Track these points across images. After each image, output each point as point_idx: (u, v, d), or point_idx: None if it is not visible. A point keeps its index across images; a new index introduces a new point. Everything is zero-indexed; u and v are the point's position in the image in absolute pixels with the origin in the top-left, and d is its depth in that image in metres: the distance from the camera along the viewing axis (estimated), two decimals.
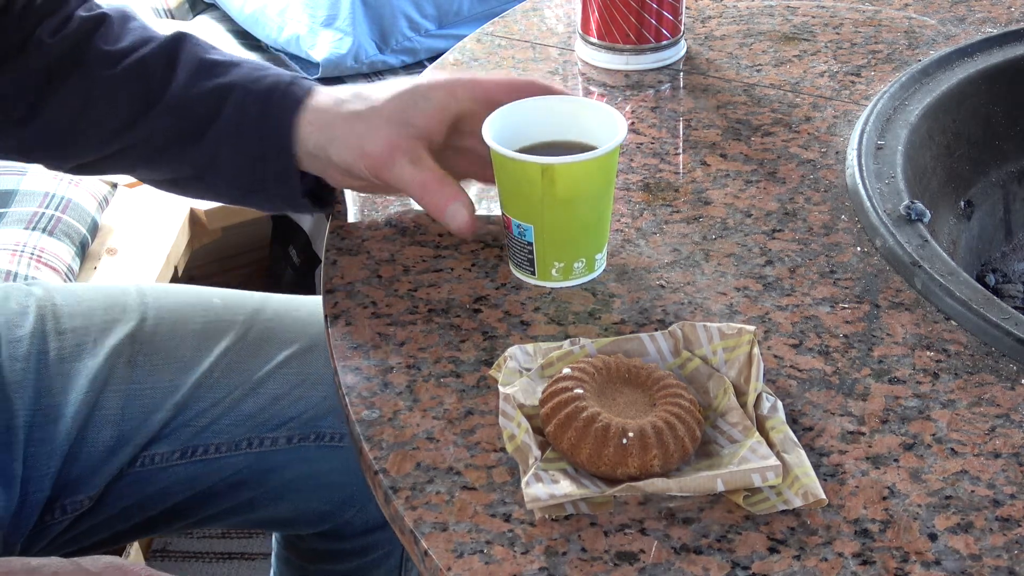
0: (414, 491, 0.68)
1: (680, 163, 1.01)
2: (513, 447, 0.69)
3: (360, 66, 1.96)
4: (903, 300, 0.82)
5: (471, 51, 1.21)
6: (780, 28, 1.22)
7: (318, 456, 1.04)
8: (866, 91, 1.09)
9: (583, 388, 0.70)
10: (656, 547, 0.64)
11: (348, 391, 0.76)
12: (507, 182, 0.83)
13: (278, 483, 1.05)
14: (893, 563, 0.63)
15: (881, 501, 0.66)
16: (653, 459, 0.67)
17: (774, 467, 0.66)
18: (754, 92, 1.10)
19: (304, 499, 1.08)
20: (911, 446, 0.70)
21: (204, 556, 1.81)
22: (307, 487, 1.07)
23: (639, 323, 0.81)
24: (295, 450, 1.04)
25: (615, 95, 1.12)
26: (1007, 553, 0.63)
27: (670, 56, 1.16)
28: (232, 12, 2.09)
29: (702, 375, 0.74)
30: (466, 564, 0.63)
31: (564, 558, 0.64)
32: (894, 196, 0.92)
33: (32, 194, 1.63)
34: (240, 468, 1.03)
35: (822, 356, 0.78)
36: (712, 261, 0.87)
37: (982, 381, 0.75)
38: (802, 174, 0.98)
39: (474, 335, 0.80)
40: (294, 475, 1.05)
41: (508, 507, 0.67)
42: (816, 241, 0.89)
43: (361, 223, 0.94)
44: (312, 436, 1.04)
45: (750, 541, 0.64)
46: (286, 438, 1.03)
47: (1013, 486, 0.67)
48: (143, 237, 1.74)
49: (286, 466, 1.04)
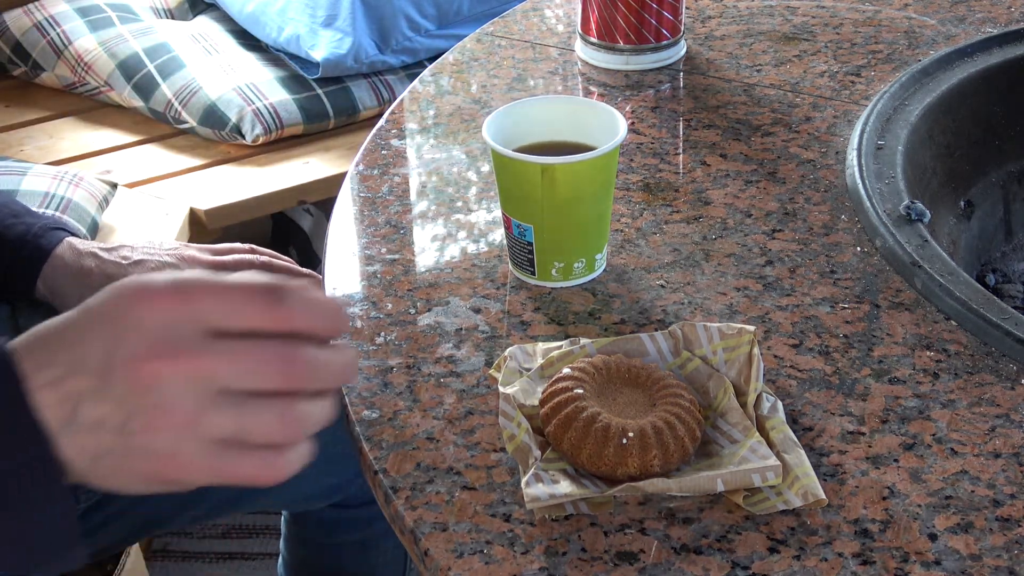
0: (414, 491, 0.68)
1: (680, 163, 1.01)
2: (513, 447, 0.69)
3: (360, 66, 1.96)
4: (903, 300, 0.82)
5: (471, 51, 1.21)
6: (780, 28, 1.22)
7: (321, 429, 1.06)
8: (866, 91, 1.09)
9: (583, 388, 0.70)
10: (656, 547, 0.64)
11: (348, 391, 0.76)
12: (507, 182, 0.83)
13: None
14: (893, 563, 0.63)
15: (881, 501, 0.66)
16: (653, 459, 0.67)
17: (774, 467, 0.66)
18: (754, 92, 1.10)
19: (311, 474, 1.09)
20: (911, 446, 0.70)
21: (204, 556, 1.81)
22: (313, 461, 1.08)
23: (639, 323, 0.81)
24: None
25: (615, 95, 1.12)
26: (1007, 553, 0.63)
27: (670, 56, 1.16)
28: (232, 12, 2.08)
29: (702, 375, 0.74)
30: (466, 564, 0.63)
31: (564, 558, 0.63)
32: (894, 196, 0.92)
33: (32, 194, 1.63)
34: None
35: (822, 356, 0.78)
36: (712, 261, 0.87)
37: (982, 381, 0.75)
38: (802, 174, 0.98)
39: (474, 335, 0.80)
40: None
41: (508, 507, 0.67)
42: (816, 241, 0.89)
43: (361, 223, 0.94)
44: None
45: (750, 541, 0.64)
46: None
47: (1013, 486, 0.67)
48: (143, 237, 1.74)
49: None
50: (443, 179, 1.00)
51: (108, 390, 0.52)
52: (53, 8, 2.08)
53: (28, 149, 1.92)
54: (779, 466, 0.66)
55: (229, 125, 1.88)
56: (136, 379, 0.52)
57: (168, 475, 0.54)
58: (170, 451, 0.52)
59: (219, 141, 1.93)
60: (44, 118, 2.01)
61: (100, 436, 0.52)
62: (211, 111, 1.89)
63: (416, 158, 1.04)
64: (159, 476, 0.54)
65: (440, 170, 1.01)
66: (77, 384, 0.52)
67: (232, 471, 0.54)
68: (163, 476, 0.54)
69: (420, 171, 1.02)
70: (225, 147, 1.92)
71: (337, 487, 1.14)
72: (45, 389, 0.52)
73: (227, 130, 1.89)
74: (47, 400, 0.52)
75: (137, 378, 0.52)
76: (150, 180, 1.86)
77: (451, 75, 1.18)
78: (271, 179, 1.86)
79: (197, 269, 0.88)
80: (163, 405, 0.52)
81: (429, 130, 1.08)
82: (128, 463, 0.53)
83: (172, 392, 0.52)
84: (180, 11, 2.20)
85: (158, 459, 0.53)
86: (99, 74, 1.99)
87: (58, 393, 0.52)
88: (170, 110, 1.93)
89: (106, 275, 0.93)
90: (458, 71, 1.18)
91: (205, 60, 1.99)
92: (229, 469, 0.53)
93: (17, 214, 0.95)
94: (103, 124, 1.99)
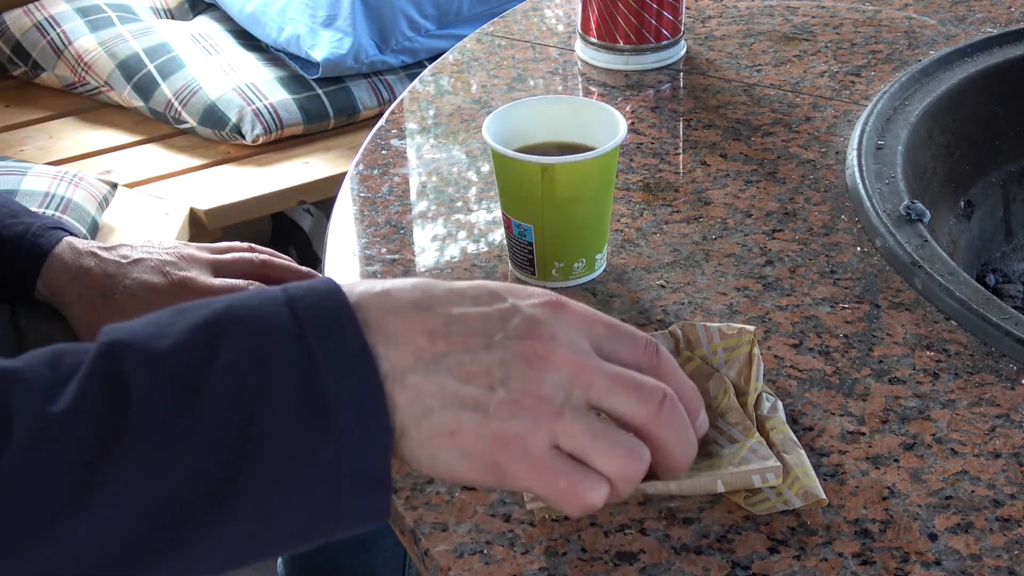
0: (414, 491, 0.68)
1: (680, 163, 1.01)
2: None
3: (360, 66, 1.96)
4: (903, 300, 0.82)
5: (471, 51, 1.21)
6: (780, 28, 1.22)
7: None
8: (866, 91, 1.09)
9: None
10: (656, 547, 0.64)
11: None
12: (507, 182, 0.83)
13: None
14: (893, 563, 0.63)
15: (881, 501, 0.66)
16: None
17: (774, 468, 0.66)
18: (754, 92, 1.10)
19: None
20: (911, 446, 0.70)
21: None
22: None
23: (639, 323, 0.81)
24: None
25: (615, 95, 1.12)
26: (1007, 553, 0.63)
27: (670, 56, 1.16)
28: (232, 12, 2.08)
29: (702, 375, 0.74)
30: (466, 564, 0.63)
31: (564, 558, 0.63)
32: (894, 196, 0.92)
33: (32, 194, 1.63)
34: None
35: (822, 356, 0.78)
36: (712, 261, 0.87)
37: (982, 381, 0.75)
38: (802, 174, 0.98)
39: None
40: None
41: (508, 507, 0.67)
42: (816, 241, 0.89)
43: (361, 223, 0.94)
44: None
45: (750, 541, 0.64)
46: None
47: (1013, 486, 0.67)
48: (143, 237, 1.74)
49: None
50: (443, 179, 1.00)
51: (488, 354, 0.53)
52: (53, 8, 2.08)
53: (28, 149, 1.93)
54: (779, 467, 0.66)
55: (229, 125, 1.89)
56: (524, 353, 0.53)
57: (501, 458, 0.53)
58: (521, 434, 0.52)
59: (219, 141, 1.93)
60: (44, 118, 2.01)
61: (465, 389, 0.52)
62: (211, 111, 1.89)
63: (416, 158, 1.04)
64: (491, 455, 0.53)
65: (440, 170, 1.01)
66: (456, 337, 0.53)
67: (564, 481, 0.53)
68: (495, 457, 0.53)
69: (420, 171, 1.02)
70: (225, 147, 1.93)
71: None
72: (418, 331, 0.52)
73: (227, 130, 1.89)
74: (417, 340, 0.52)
75: (526, 353, 0.53)
76: (150, 180, 1.86)
77: (451, 75, 1.18)
78: (271, 179, 1.86)
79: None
80: (537, 388, 0.52)
81: (429, 130, 1.08)
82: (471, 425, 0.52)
83: (552, 380, 0.53)
84: (180, 11, 2.20)
85: (501, 435, 0.52)
86: (99, 74, 1.99)
87: (431, 337, 0.52)
88: (170, 110, 1.93)
89: (106, 274, 0.93)
90: (458, 71, 1.18)
91: (205, 60, 1.99)
92: (563, 479, 0.53)
93: (16, 214, 0.95)
94: (103, 124, 2.00)
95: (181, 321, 0.51)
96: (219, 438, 0.49)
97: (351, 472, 0.51)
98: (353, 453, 0.50)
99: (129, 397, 0.48)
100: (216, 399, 0.49)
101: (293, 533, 0.51)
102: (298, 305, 0.52)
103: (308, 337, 0.51)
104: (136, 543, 0.48)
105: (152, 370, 0.49)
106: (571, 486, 0.53)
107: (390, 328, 0.52)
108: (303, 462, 0.50)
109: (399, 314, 0.53)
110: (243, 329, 0.51)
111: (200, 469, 0.49)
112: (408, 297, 0.53)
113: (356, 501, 0.51)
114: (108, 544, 0.48)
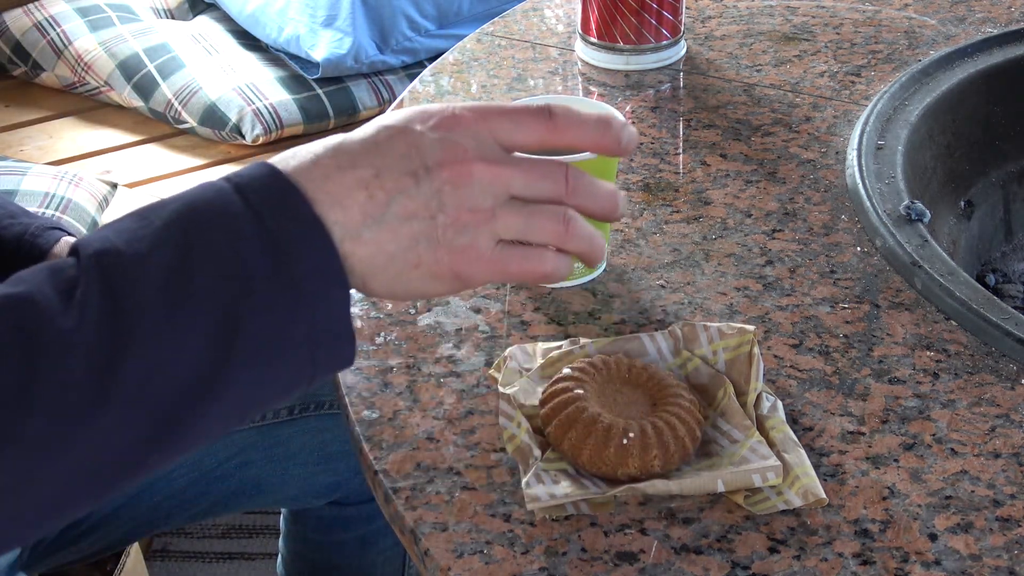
0: (414, 491, 0.68)
1: (680, 163, 1.01)
2: (513, 447, 0.69)
3: (360, 66, 1.96)
4: (903, 300, 0.82)
5: (471, 51, 1.21)
6: (780, 28, 1.22)
7: (320, 426, 1.09)
8: (866, 91, 1.09)
9: (584, 388, 0.70)
10: (656, 547, 0.64)
11: (348, 391, 0.76)
12: None
13: (283, 456, 1.09)
14: (893, 563, 0.63)
15: (881, 501, 0.66)
16: (654, 459, 0.67)
17: (774, 467, 0.66)
18: (754, 92, 1.10)
19: (310, 472, 1.11)
20: (911, 446, 0.70)
21: (204, 556, 1.81)
22: (312, 459, 1.10)
23: (639, 323, 0.81)
24: (298, 421, 1.08)
25: (615, 95, 1.12)
26: (1007, 553, 0.63)
27: (670, 56, 1.16)
28: (232, 12, 2.08)
29: (702, 375, 0.74)
30: (466, 564, 0.63)
31: (564, 558, 0.63)
32: (894, 196, 0.92)
33: (32, 194, 1.63)
34: (245, 446, 1.06)
35: (822, 356, 0.78)
36: (712, 261, 0.87)
37: (982, 381, 0.75)
38: (802, 174, 0.98)
39: (474, 335, 0.80)
40: (299, 447, 1.08)
41: (508, 507, 0.67)
42: (816, 241, 0.89)
43: None
44: (312, 405, 1.09)
45: (750, 541, 0.64)
46: (287, 409, 1.08)
47: (1013, 486, 0.67)
48: None
49: (291, 438, 1.08)
50: None
51: (419, 188, 0.58)
52: (53, 8, 2.08)
53: (28, 149, 1.93)
54: (779, 466, 0.66)
55: (229, 125, 1.88)
56: (449, 179, 0.58)
57: (460, 268, 0.60)
58: (469, 244, 0.59)
59: (219, 141, 1.93)
60: (44, 118, 2.01)
61: (412, 225, 0.58)
62: (211, 111, 1.89)
63: None
64: (451, 269, 0.59)
65: None
66: (388, 183, 0.58)
67: (515, 265, 0.61)
68: (455, 269, 0.59)
69: None
70: (225, 147, 1.92)
71: (335, 485, 1.15)
72: (355, 188, 0.58)
73: (227, 130, 1.89)
74: (357, 197, 0.57)
75: (450, 177, 0.58)
76: (150, 180, 1.86)
77: (451, 75, 1.18)
78: None
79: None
80: (469, 203, 0.59)
81: None
82: (429, 255, 0.59)
83: (478, 192, 0.59)
84: (180, 11, 2.20)
85: (454, 251, 0.59)
86: (99, 74, 1.99)
87: (368, 190, 0.58)
88: (170, 110, 1.93)
89: None
90: (458, 71, 1.18)
91: (205, 60, 1.99)
92: (513, 263, 0.61)
93: (13, 215, 0.95)
94: (103, 124, 2.00)
95: (149, 224, 0.56)
96: (209, 328, 0.54)
97: (323, 332, 0.57)
98: (323, 315, 0.57)
99: (125, 307, 0.54)
100: (201, 291, 0.55)
101: (276, 393, 0.58)
102: (247, 192, 0.57)
103: (267, 222, 0.56)
104: (149, 430, 0.54)
105: (140, 276, 0.55)
106: (521, 266, 0.61)
107: (331, 194, 0.57)
108: (283, 333, 0.56)
109: (332, 179, 0.58)
110: (209, 223, 0.56)
111: (195, 358, 0.54)
112: (333, 162, 0.58)
113: (328, 355, 0.58)
114: (131, 430, 0.54)
